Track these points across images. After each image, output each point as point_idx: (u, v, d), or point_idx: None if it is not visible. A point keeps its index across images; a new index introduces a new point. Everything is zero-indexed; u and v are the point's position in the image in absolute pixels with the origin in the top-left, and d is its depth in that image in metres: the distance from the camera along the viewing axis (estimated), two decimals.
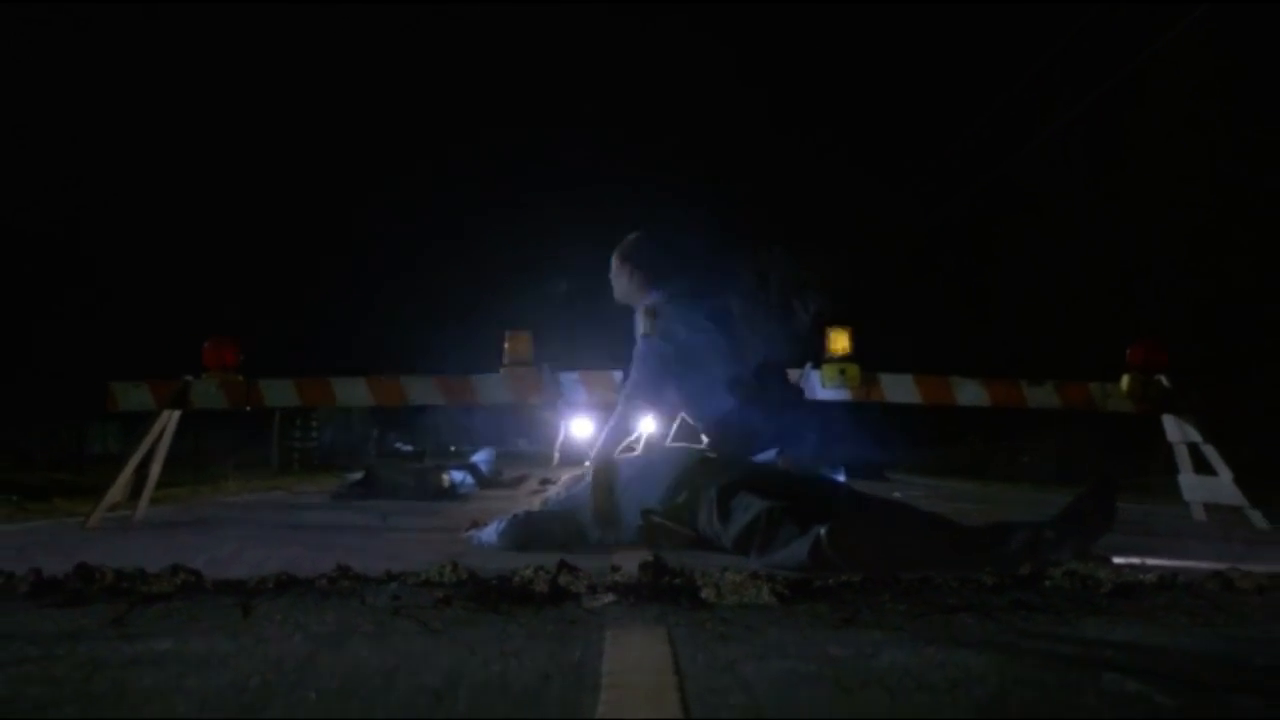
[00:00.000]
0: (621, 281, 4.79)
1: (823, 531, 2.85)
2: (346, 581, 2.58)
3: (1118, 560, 3.08)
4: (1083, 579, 2.61)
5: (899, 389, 5.94)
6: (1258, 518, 5.19)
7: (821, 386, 5.72)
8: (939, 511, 3.85)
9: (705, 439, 4.44)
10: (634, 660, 1.76)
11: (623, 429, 4.38)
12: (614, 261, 4.83)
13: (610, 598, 2.39)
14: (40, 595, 2.45)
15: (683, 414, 4.57)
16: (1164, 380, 5.63)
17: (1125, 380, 5.63)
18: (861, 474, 10.51)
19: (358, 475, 8.47)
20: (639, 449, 4.35)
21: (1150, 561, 3.15)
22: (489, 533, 3.75)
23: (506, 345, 5.68)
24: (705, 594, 2.41)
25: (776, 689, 1.56)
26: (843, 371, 5.74)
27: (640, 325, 4.52)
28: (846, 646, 1.87)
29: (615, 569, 2.74)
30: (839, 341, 5.85)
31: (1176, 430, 5.75)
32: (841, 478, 6.97)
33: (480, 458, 10.08)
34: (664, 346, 4.35)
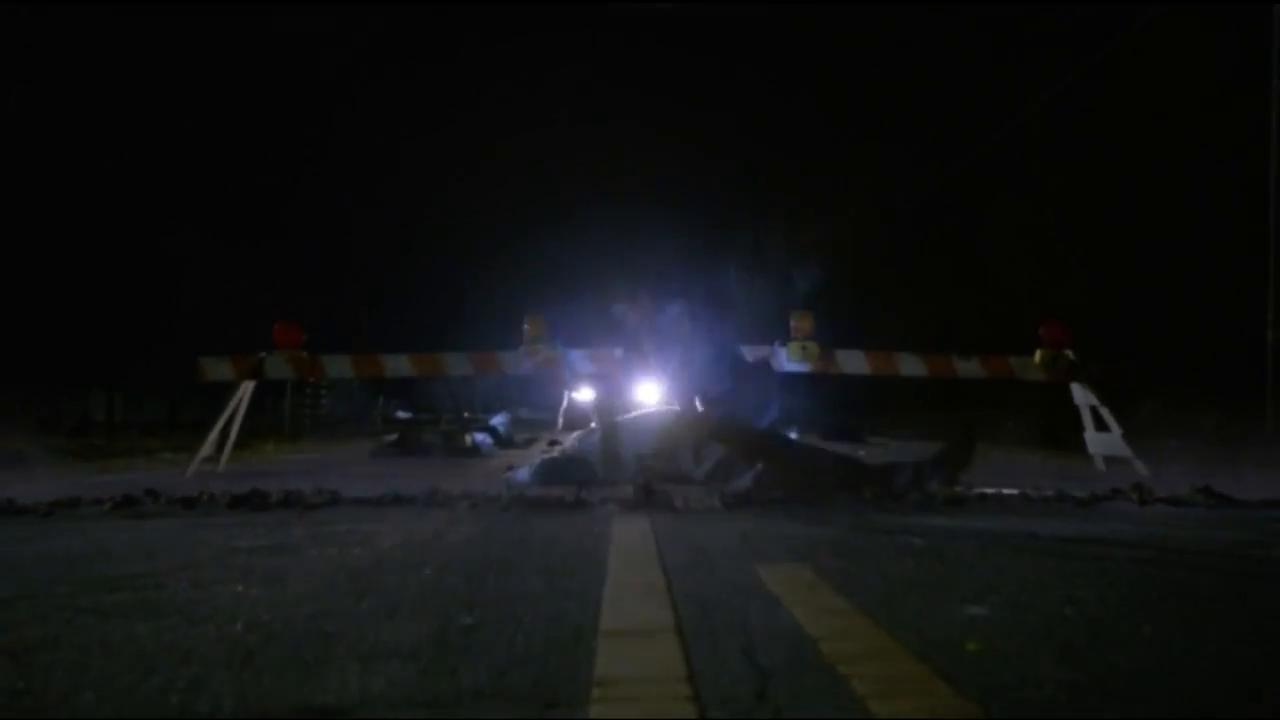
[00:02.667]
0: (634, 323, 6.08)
1: (760, 467, 4.09)
2: (439, 497, 3.83)
3: (982, 490, 4.29)
4: (930, 495, 3.85)
5: (852, 362, 7.17)
6: (1141, 467, 6.42)
7: (787, 361, 6.96)
8: (860, 457, 5.10)
9: (700, 407, 5.77)
10: (630, 530, 3.00)
11: (627, 400, 5.71)
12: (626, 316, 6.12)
13: (615, 507, 3.63)
14: (237, 506, 3.69)
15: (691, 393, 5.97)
16: (1070, 354, 6.86)
17: (1038, 354, 6.88)
18: (842, 436, 11.68)
19: (393, 436, 9.73)
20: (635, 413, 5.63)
21: (1006, 491, 4.35)
22: (522, 473, 4.99)
23: (526, 326, 6.91)
24: (677, 504, 3.66)
25: (708, 538, 2.79)
26: (804, 348, 6.97)
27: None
28: (759, 525, 3.11)
29: (617, 491, 3.98)
30: (802, 323, 7.08)
31: (1081, 395, 6.98)
32: (793, 434, 8.22)
33: (498, 420, 11.22)
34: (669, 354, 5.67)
